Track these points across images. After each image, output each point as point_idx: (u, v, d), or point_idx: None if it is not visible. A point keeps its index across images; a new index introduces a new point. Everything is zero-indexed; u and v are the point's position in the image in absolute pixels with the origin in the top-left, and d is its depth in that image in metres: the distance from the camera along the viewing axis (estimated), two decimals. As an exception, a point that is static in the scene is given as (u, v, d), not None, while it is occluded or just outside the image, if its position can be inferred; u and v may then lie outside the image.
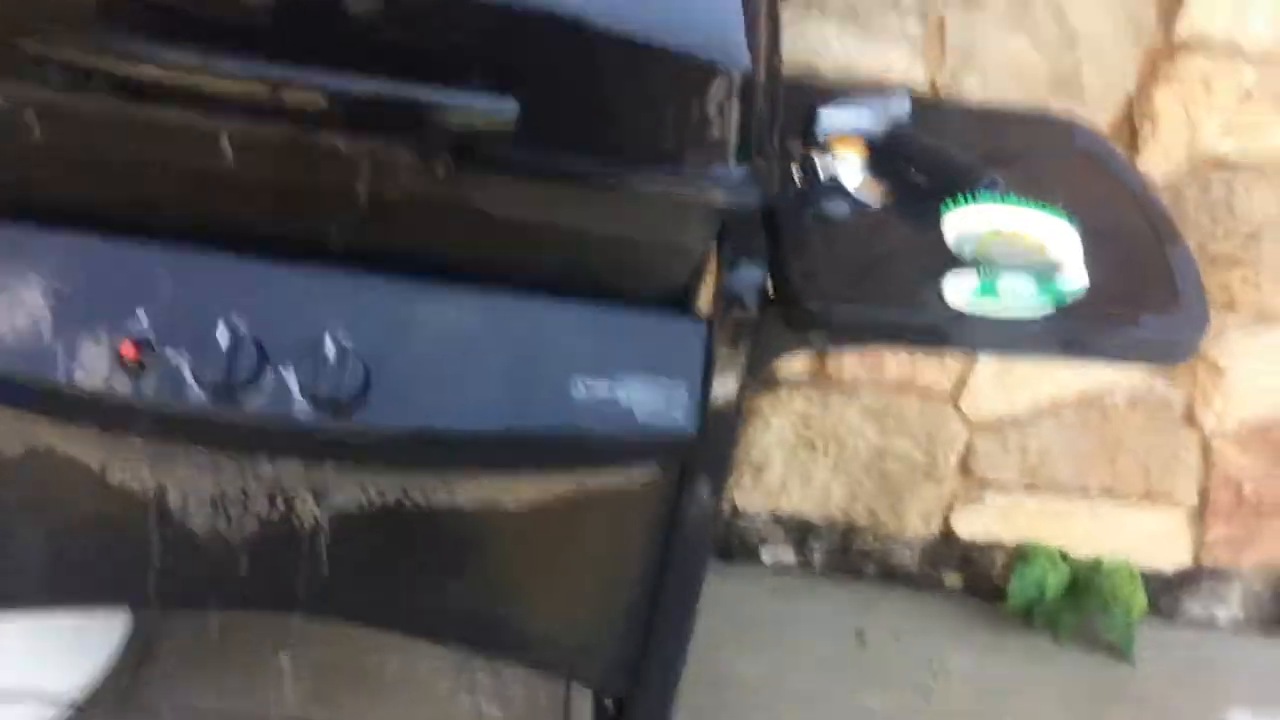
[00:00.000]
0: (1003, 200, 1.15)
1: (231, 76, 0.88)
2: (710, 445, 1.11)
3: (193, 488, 1.09)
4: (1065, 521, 2.02)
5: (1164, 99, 1.66)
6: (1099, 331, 1.14)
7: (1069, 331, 1.12)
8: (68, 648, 1.54)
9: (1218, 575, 2.10)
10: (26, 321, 0.98)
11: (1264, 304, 1.83)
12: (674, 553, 1.20)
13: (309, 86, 0.89)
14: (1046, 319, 1.11)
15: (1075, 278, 1.13)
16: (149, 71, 0.87)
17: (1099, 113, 1.68)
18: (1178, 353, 1.18)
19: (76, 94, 0.91)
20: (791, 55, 1.60)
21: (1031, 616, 2.04)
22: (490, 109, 0.91)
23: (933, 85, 1.65)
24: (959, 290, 1.10)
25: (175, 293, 0.99)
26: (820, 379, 1.89)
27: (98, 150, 0.96)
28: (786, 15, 1.59)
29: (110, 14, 0.89)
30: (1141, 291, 1.19)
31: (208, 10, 0.89)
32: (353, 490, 1.10)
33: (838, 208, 1.21)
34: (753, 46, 0.98)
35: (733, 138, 0.98)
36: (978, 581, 2.10)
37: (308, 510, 1.11)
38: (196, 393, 0.98)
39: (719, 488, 1.16)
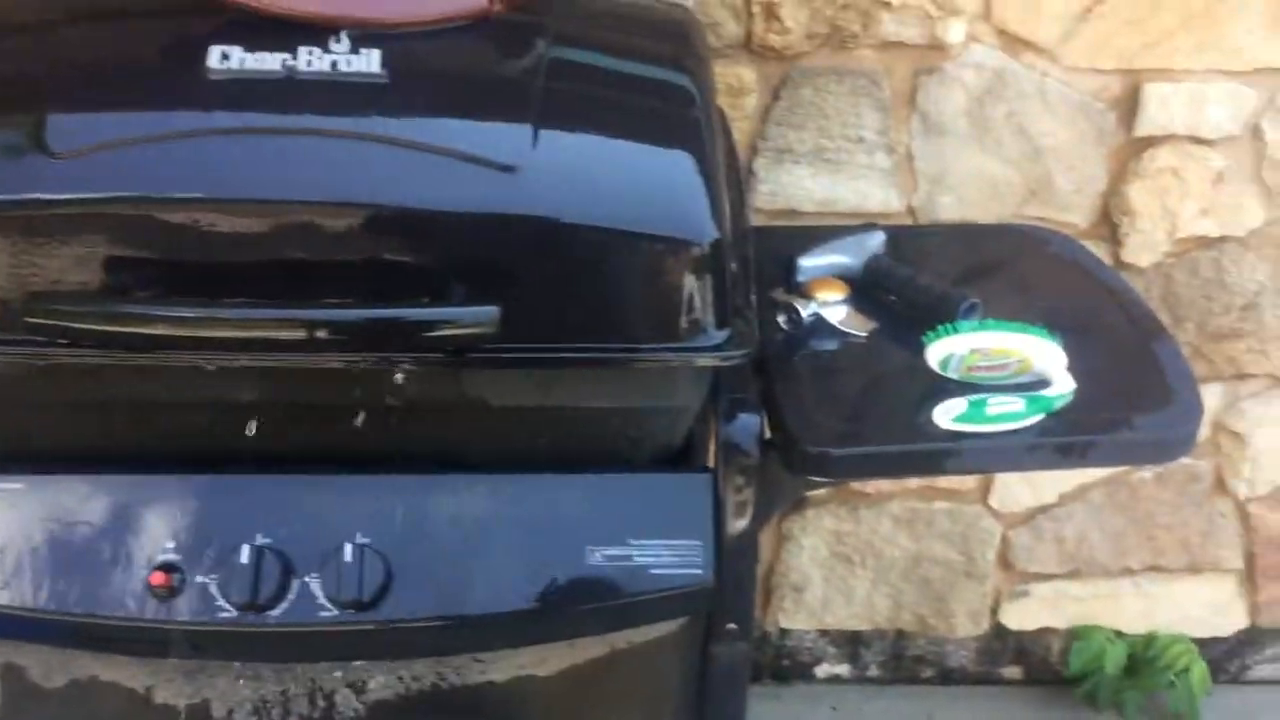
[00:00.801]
0: (981, 325, 1.19)
1: (234, 322, 0.95)
2: (730, 590, 1.14)
3: (234, 698, 1.12)
4: (1115, 602, 2.02)
5: (1138, 194, 1.71)
6: (1093, 438, 1.15)
7: (1063, 441, 1.14)
8: None
9: (1278, 635, 2.07)
10: (59, 561, 1.04)
11: (1273, 369, 1.85)
12: (711, 696, 1.22)
13: (306, 322, 0.95)
14: (1039, 432, 1.13)
15: (1062, 387, 1.16)
16: (156, 329, 0.94)
17: (1076, 215, 1.73)
18: (1174, 449, 1.19)
19: (82, 351, 0.97)
20: (772, 201, 1.68)
21: (1096, 699, 2.03)
22: (472, 316, 0.97)
23: (910, 210, 1.71)
24: (949, 415, 1.13)
25: (198, 518, 1.05)
26: (847, 494, 1.92)
27: (111, 397, 1.02)
28: (761, 164, 1.67)
29: (110, 276, 0.97)
30: (1132, 391, 1.21)
31: (203, 262, 0.97)
32: (389, 679, 1.14)
33: (825, 345, 1.26)
34: (718, 214, 1.03)
35: (711, 302, 1.03)
36: (1037, 671, 2.10)
37: (348, 704, 1.14)
38: (227, 611, 1.03)
39: (746, 628, 1.19)
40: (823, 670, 2.09)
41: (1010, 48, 1.64)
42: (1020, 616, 2.03)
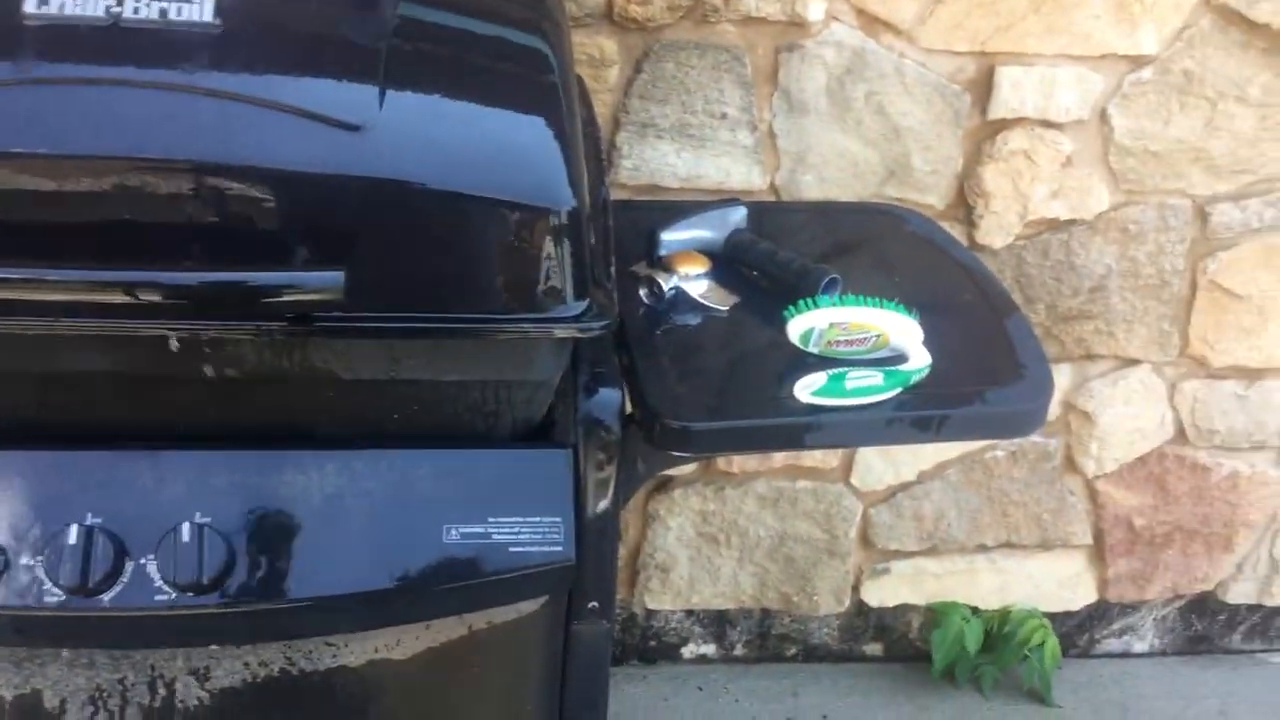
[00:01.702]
0: (841, 300, 1.19)
1: (58, 285, 0.89)
2: (592, 568, 1.12)
3: (67, 688, 1.06)
4: (971, 578, 2.07)
5: (991, 175, 1.75)
6: (948, 411, 1.17)
7: (919, 415, 1.16)
8: None
9: (1126, 609, 2.16)
10: None
11: (1119, 349, 1.91)
12: (573, 675, 1.20)
13: (140, 284, 0.90)
14: (896, 406, 1.15)
15: (919, 362, 1.17)
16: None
17: (933, 196, 1.76)
18: (1026, 423, 1.21)
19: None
20: (636, 176, 1.67)
21: (954, 676, 2.07)
22: (315, 282, 0.93)
23: (772, 187, 1.71)
24: (809, 389, 1.14)
25: (21, 496, 0.99)
26: (712, 474, 1.92)
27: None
28: (624, 139, 1.65)
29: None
30: (985, 367, 1.23)
31: (25, 222, 0.91)
32: (235, 666, 1.09)
33: (686, 320, 1.25)
34: (576, 184, 1.00)
35: (569, 273, 1.01)
36: (897, 648, 2.14)
37: (191, 693, 1.09)
38: (54, 595, 0.97)
39: (608, 607, 1.17)
40: (689, 650, 2.09)
41: (869, 27, 1.65)
42: (880, 593, 2.06)
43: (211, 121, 0.92)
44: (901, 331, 1.18)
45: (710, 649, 2.10)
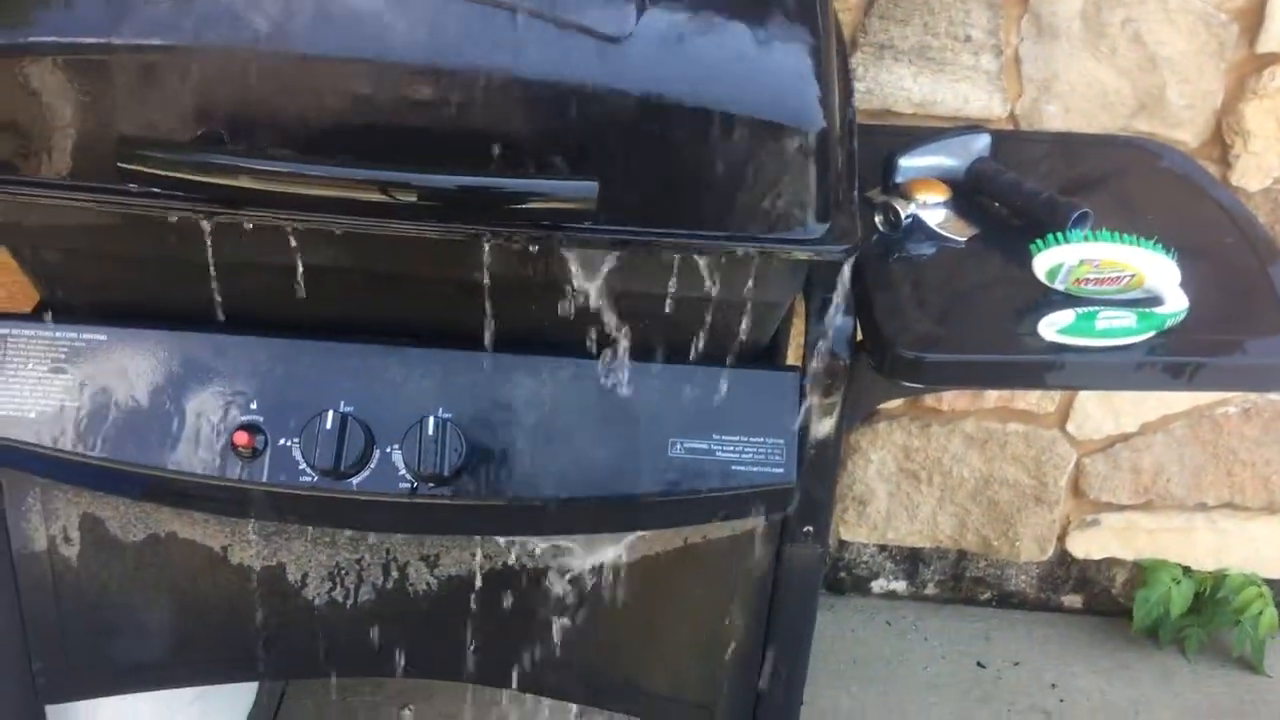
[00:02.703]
0: (1094, 236, 1.13)
1: (326, 180, 0.92)
2: (810, 493, 1.12)
3: (310, 562, 1.13)
4: (1186, 537, 1.98)
5: (1254, 113, 1.64)
6: (1204, 359, 1.10)
7: (1172, 362, 1.10)
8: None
9: (1351, 584, 2.03)
10: (144, 415, 1.04)
11: (1378, 308, 1.77)
12: (781, 598, 1.20)
13: (400, 185, 0.92)
14: (1148, 351, 1.09)
15: (1175, 305, 1.11)
16: (248, 182, 0.91)
17: (1186, 133, 1.66)
18: (1286, 377, 1.15)
19: (184, 204, 0.96)
20: (868, 100, 1.62)
21: (1157, 634, 2.00)
22: (571, 191, 0.93)
23: (1012, 116, 1.64)
24: (1055, 326, 1.09)
25: (284, 382, 1.04)
26: (919, 410, 1.88)
27: (203, 253, 1.00)
28: (860, 60, 1.60)
29: (206, 128, 0.94)
30: (1245, 315, 1.16)
31: (300, 118, 0.94)
32: (463, 556, 1.14)
33: (922, 249, 1.22)
34: (826, 104, 0.98)
35: (813, 194, 1.00)
36: (1098, 601, 2.07)
37: (421, 577, 1.15)
38: (309, 475, 1.02)
39: (822, 532, 1.17)
40: (879, 585, 2.08)
41: (1133, -52, 1.56)
42: (1087, 545, 2.00)
43: (473, 28, 0.93)
44: (1158, 272, 1.11)
45: (900, 585, 2.08)
